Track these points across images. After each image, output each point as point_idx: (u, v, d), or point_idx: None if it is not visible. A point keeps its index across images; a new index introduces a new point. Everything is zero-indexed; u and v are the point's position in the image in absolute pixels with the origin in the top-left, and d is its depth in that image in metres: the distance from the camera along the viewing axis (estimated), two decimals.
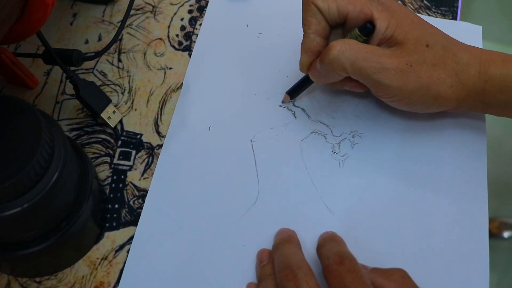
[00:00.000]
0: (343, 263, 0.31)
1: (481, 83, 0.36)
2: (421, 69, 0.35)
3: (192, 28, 0.48)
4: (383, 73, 0.35)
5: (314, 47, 0.37)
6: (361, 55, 0.35)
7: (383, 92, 0.36)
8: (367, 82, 0.36)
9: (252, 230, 0.38)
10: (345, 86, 0.40)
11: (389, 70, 0.35)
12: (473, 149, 0.41)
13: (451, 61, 0.36)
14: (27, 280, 0.36)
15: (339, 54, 0.35)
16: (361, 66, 0.35)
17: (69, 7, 0.48)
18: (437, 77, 0.36)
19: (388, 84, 0.35)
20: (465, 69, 0.36)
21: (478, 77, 0.36)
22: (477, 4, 1.41)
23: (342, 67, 0.35)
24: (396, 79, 0.35)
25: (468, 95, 0.37)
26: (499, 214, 1.13)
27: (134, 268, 0.37)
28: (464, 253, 0.37)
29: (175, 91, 0.44)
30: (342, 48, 0.35)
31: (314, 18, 0.37)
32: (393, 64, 0.35)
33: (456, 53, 0.37)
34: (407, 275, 0.32)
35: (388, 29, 0.35)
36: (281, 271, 0.32)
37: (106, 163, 0.41)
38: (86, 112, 0.43)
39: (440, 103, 0.37)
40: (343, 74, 0.36)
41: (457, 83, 0.36)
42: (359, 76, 0.36)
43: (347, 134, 0.42)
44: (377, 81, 0.35)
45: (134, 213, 0.39)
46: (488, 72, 0.36)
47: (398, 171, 0.40)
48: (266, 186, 0.39)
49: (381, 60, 0.35)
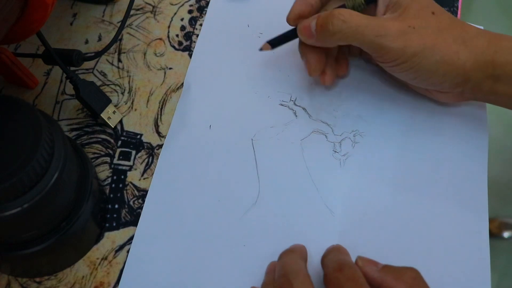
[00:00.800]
0: (342, 271, 0.30)
1: (490, 53, 0.35)
2: (424, 32, 0.34)
3: (192, 28, 0.48)
4: (385, 37, 0.34)
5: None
6: (363, 22, 0.34)
7: (385, 56, 0.36)
8: (368, 48, 0.36)
9: (252, 230, 0.38)
10: (334, 49, 0.40)
11: (390, 32, 0.34)
12: (474, 149, 0.41)
13: (459, 29, 0.35)
14: (27, 280, 0.36)
15: (342, 23, 0.35)
16: (364, 33, 0.34)
17: (69, 7, 0.48)
18: (442, 40, 0.34)
19: (389, 47, 0.34)
20: (473, 38, 0.35)
21: (487, 47, 0.35)
22: (477, 4, 1.41)
23: (345, 36, 0.35)
24: (398, 41, 0.34)
25: (476, 64, 0.35)
26: (499, 214, 1.13)
27: (134, 268, 0.37)
28: (465, 252, 0.37)
29: (175, 91, 0.44)
30: (346, 17, 0.35)
31: None
32: (394, 26, 0.34)
33: (463, 25, 0.36)
34: (419, 276, 0.31)
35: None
36: (278, 279, 0.31)
37: (106, 163, 0.41)
38: (86, 112, 0.43)
39: (444, 71, 0.35)
40: (342, 43, 0.36)
41: (464, 50, 0.35)
42: (361, 42, 0.35)
43: (348, 133, 0.42)
44: (379, 44, 0.35)
45: (134, 213, 0.39)
46: (499, 44, 0.35)
47: (399, 171, 0.40)
48: (267, 186, 0.39)
49: (384, 24, 0.35)
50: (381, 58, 0.36)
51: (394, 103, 0.43)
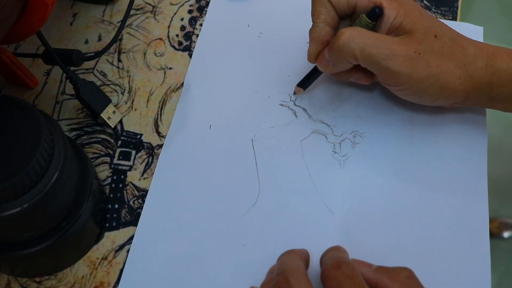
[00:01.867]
0: (340, 268, 0.30)
1: (488, 76, 0.36)
2: (430, 58, 0.35)
3: (192, 28, 0.48)
4: (392, 59, 0.35)
5: (322, 36, 0.37)
6: (370, 42, 0.35)
7: (392, 79, 0.36)
8: (376, 69, 0.36)
9: (252, 230, 0.38)
10: (351, 77, 0.40)
11: (398, 56, 0.35)
12: (474, 149, 0.41)
13: (459, 53, 0.36)
14: (27, 280, 0.36)
15: (349, 40, 0.35)
16: (370, 53, 0.35)
17: (69, 7, 0.48)
18: (446, 67, 0.36)
19: (397, 71, 0.35)
20: (473, 62, 0.36)
21: (485, 69, 0.36)
22: (477, 4, 1.41)
23: (352, 53, 0.35)
24: (405, 66, 0.35)
25: (475, 87, 0.37)
26: (499, 214, 1.13)
27: (134, 268, 0.37)
28: (465, 252, 0.37)
29: (175, 91, 0.44)
30: (352, 34, 0.35)
31: (323, 7, 0.37)
32: (402, 51, 0.35)
33: (463, 45, 0.37)
34: (412, 275, 0.31)
35: (396, 18, 0.35)
36: (276, 277, 0.31)
37: (106, 163, 0.41)
38: (86, 112, 0.43)
39: (448, 95, 0.37)
40: (352, 62, 0.36)
41: (465, 75, 0.36)
42: (368, 63, 0.36)
43: (348, 134, 0.42)
44: (386, 67, 0.35)
45: (134, 213, 0.39)
46: (495, 65, 0.36)
47: (399, 171, 0.40)
48: (267, 186, 0.39)
49: (391, 46, 0.35)
50: (388, 81, 0.37)
51: (393, 104, 0.43)
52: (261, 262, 0.36)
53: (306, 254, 0.35)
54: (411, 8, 0.36)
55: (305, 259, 0.34)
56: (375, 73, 0.37)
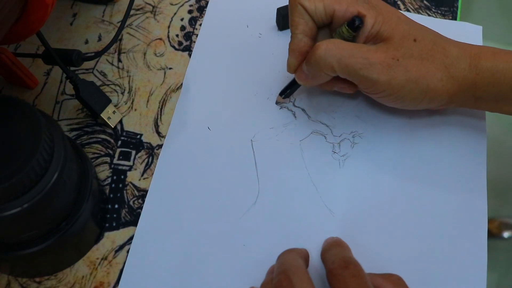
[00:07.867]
0: (348, 268, 0.31)
1: (472, 76, 0.36)
2: (408, 63, 0.35)
3: (192, 28, 0.48)
4: (369, 68, 0.35)
5: (301, 47, 0.37)
6: (347, 52, 0.35)
7: (371, 88, 0.36)
8: (355, 79, 0.36)
9: (252, 230, 0.38)
10: (334, 87, 0.40)
11: (375, 64, 0.35)
12: (473, 149, 0.41)
13: (440, 54, 0.36)
14: (27, 280, 0.36)
15: (326, 53, 0.35)
16: (347, 63, 0.35)
17: (69, 7, 0.49)
18: (425, 70, 0.35)
19: (375, 79, 0.35)
20: (455, 63, 0.36)
21: (468, 70, 0.36)
22: (477, 4, 1.41)
23: (329, 65, 0.35)
24: (383, 73, 0.35)
25: (460, 88, 0.36)
26: (499, 214, 1.13)
27: (134, 268, 0.37)
28: (463, 252, 0.37)
29: (175, 91, 0.44)
30: (328, 46, 0.35)
31: (301, 18, 0.37)
32: (379, 58, 0.35)
33: (445, 47, 0.36)
34: (403, 281, 0.33)
35: (374, 26, 0.35)
36: (277, 276, 0.32)
37: (106, 163, 0.41)
38: (86, 112, 0.43)
39: (430, 98, 0.36)
40: (330, 73, 0.36)
41: (447, 76, 0.36)
42: (346, 73, 0.35)
43: (347, 134, 0.42)
44: (364, 76, 0.35)
45: (134, 213, 0.39)
46: (479, 65, 0.36)
47: (398, 171, 0.40)
48: (266, 186, 0.39)
49: (367, 55, 0.35)
50: (368, 90, 0.37)
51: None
52: (261, 262, 0.36)
53: (306, 253, 0.35)
54: (389, 15, 0.36)
55: (305, 258, 0.35)
56: (355, 83, 0.37)
